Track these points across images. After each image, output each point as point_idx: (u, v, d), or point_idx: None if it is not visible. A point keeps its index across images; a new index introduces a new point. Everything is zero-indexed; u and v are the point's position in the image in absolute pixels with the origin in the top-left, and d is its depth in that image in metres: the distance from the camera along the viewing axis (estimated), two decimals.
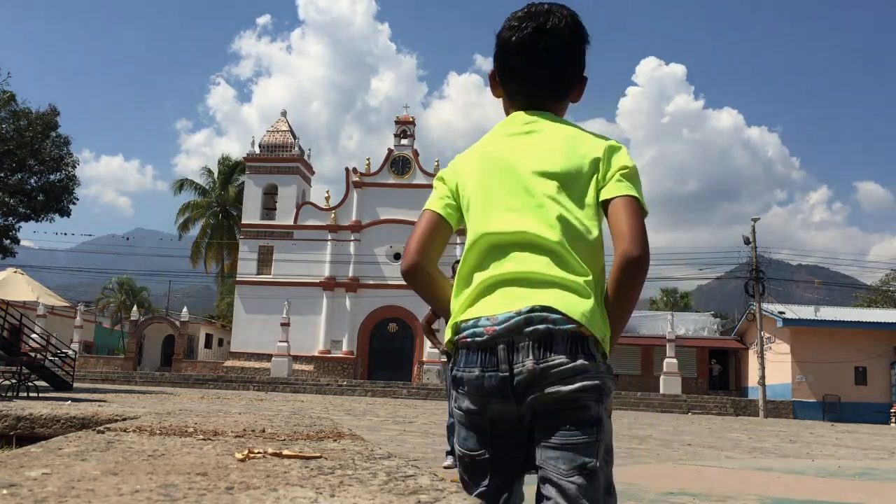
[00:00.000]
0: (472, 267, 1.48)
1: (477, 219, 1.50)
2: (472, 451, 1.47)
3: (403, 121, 39.42)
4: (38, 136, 22.29)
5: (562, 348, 1.36)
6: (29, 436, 3.37)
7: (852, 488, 6.33)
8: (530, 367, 1.36)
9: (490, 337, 1.39)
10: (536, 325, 1.36)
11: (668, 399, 30.13)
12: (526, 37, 1.54)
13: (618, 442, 10.82)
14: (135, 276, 60.83)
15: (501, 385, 1.38)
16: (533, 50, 1.54)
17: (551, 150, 1.50)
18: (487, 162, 1.54)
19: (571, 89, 1.61)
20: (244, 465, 1.39)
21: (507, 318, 1.38)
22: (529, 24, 1.55)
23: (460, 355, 1.45)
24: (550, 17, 1.55)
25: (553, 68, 1.56)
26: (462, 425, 1.49)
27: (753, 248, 31.56)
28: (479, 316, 1.41)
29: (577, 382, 1.36)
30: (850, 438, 15.43)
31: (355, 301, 37.04)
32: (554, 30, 1.54)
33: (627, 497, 4.90)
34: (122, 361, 37.65)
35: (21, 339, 21.84)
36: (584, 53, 1.59)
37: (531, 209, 1.45)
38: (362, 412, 16.28)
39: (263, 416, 3.15)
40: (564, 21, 1.55)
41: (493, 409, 1.42)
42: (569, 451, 1.36)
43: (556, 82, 1.58)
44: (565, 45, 1.55)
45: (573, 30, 1.55)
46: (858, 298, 51.79)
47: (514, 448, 1.45)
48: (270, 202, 39.14)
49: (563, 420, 1.37)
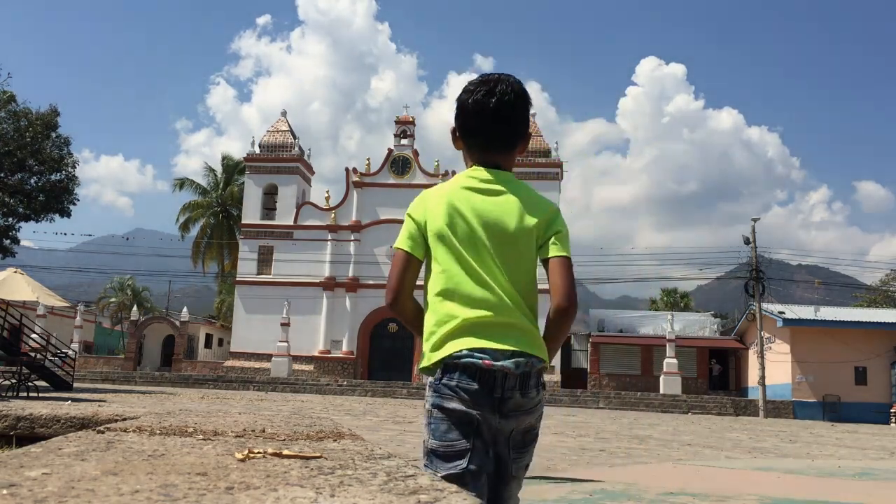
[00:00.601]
0: (446, 293, 1.83)
1: (445, 257, 1.85)
2: (453, 441, 1.79)
3: (403, 121, 39.40)
4: (39, 136, 22.26)
5: (534, 383, 1.81)
6: (29, 436, 3.37)
7: (852, 488, 6.33)
8: (518, 398, 1.79)
9: (489, 369, 1.76)
10: (523, 365, 1.78)
11: (668, 399, 30.14)
12: (480, 100, 1.89)
13: (618, 442, 10.81)
14: (135, 276, 60.81)
15: (492, 403, 1.78)
16: (485, 111, 1.89)
17: (506, 213, 1.84)
18: (454, 214, 1.86)
19: (518, 144, 1.95)
20: (244, 465, 1.39)
21: (505, 356, 1.77)
22: (483, 89, 1.90)
23: (453, 371, 1.80)
24: (500, 84, 1.90)
25: (502, 126, 1.90)
26: (442, 421, 1.81)
27: (753, 248, 31.56)
28: (474, 348, 1.78)
29: (537, 413, 1.86)
30: (849, 438, 15.43)
31: (355, 301, 37.05)
32: (503, 94, 1.88)
33: (627, 497, 4.90)
34: (122, 361, 37.65)
35: (21, 339, 21.85)
36: (529, 114, 1.96)
37: (493, 262, 1.81)
38: (362, 412, 16.28)
39: (263, 416, 3.15)
40: (511, 88, 1.90)
41: (485, 416, 1.79)
42: (525, 460, 1.89)
43: (505, 138, 1.92)
44: (512, 108, 1.89)
45: (519, 95, 1.90)
46: (858, 298, 51.79)
47: (487, 446, 1.81)
48: (270, 202, 39.14)
49: (525, 439, 1.87)
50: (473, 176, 1.90)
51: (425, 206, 1.90)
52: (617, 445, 10.07)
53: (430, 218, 1.88)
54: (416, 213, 1.92)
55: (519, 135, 1.94)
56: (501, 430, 1.81)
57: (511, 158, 1.95)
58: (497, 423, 1.79)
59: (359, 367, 36.47)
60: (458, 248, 1.83)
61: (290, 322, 34.82)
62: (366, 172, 38.62)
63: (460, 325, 1.80)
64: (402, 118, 39.50)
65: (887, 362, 30.35)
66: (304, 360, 36.11)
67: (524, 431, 1.85)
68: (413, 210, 1.93)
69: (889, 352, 30.33)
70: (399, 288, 1.89)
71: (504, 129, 1.90)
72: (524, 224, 1.83)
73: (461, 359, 1.78)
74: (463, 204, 1.85)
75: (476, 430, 1.78)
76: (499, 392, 1.76)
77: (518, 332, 1.79)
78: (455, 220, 1.84)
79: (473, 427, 1.78)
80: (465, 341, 1.79)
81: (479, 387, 1.77)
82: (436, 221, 1.86)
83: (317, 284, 37.20)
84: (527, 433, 1.86)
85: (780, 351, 31.36)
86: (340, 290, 37.43)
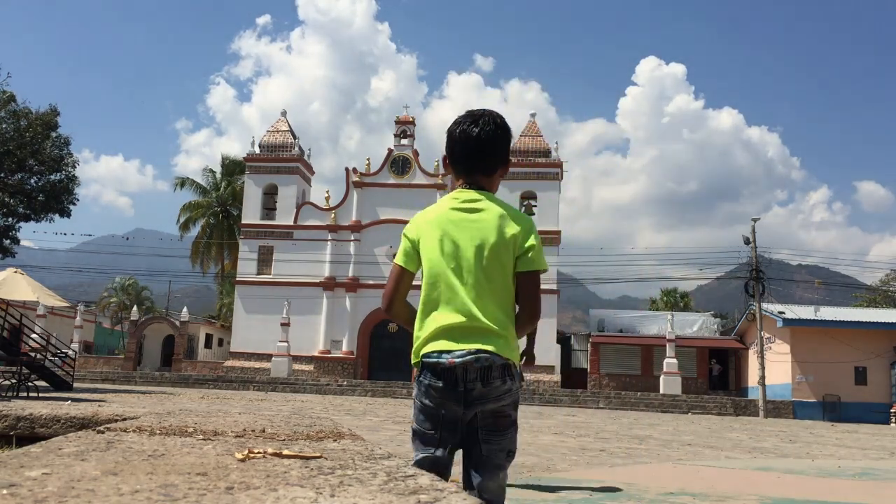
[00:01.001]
0: (432, 301, 2.15)
1: (432, 270, 2.15)
2: (426, 430, 2.14)
3: (403, 121, 39.38)
4: (38, 136, 22.24)
5: (498, 375, 2.06)
6: (29, 436, 3.37)
7: (852, 488, 6.33)
8: (480, 388, 2.05)
9: (451, 367, 2.06)
10: (483, 360, 2.05)
11: (668, 399, 30.13)
12: (465, 131, 2.22)
13: (618, 442, 10.81)
14: (135, 276, 60.80)
15: (457, 396, 2.07)
16: (469, 141, 2.21)
17: (486, 229, 2.13)
18: (441, 233, 2.16)
19: (498, 168, 2.25)
20: (244, 465, 1.39)
21: (463, 354, 2.05)
22: (468, 121, 2.23)
23: (427, 371, 2.12)
24: (483, 117, 2.23)
25: (483, 154, 2.21)
26: (420, 412, 2.15)
27: (753, 248, 31.56)
28: (441, 350, 2.08)
29: (506, 400, 2.10)
30: (850, 438, 15.43)
31: (355, 301, 37.04)
32: (485, 126, 2.20)
33: (627, 497, 4.90)
34: (122, 361, 37.63)
35: (21, 339, 21.84)
36: (509, 144, 2.27)
37: (472, 274, 2.09)
38: (362, 412, 16.28)
39: (263, 416, 3.15)
40: (493, 121, 2.22)
41: (448, 408, 2.09)
42: (501, 443, 2.11)
43: (486, 164, 2.22)
44: (493, 138, 2.20)
45: (500, 127, 2.22)
46: (858, 298, 51.77)
47: (454, 432, 2.12)
48: (270, 202, 39.12)
49: (497, 423, 2.11)
50: (457, 197, 2.21)
51: (417, 227, 2.23)
52: (617, 445, 10.07)
53: (421, 237, 2.20)
54: (411, 233, 2.24)
55: (499, 162, 2.24)
56: (468, 418, 2.09)
57: (493, 181, 2.26)
58: (462, 414, 2.08)
59: (359, 367, 36.46)
60: (443, 263, 2.14)
61: (290, 322, 34.81)
62: (366, 172, 38.60)
63: (436, 330, 2.11)
64: (402, 118, 39.47)
65: (887, 362, 30.35)
66: (304, 360, 36.11)
67: (494, 414, 2.09)
68: (408, 231, 2.25)
69: (889, 352, 30.33)
70: (393, 296, 2.24)
71: (485, 156, 2.21)
72: (501, 239, 2.11)
73: (430, 359, 2.10)
74: (449, 224, 2.16)
75: (441, 422, 2.10)
76: (461, 386, 2.05)
77: (483, 334, 2.06)
78: (442, 238, 2.15)
79: (439, 420, 2.10)
80: (437, 344, 2.10)
81: (443, 384, 2.07)
82: (426, 240, 2.18)
83: (317, 284, 37.20)
84: (498, 417, 2.09)
85: (780, 351, 31.36)
86: (340, 290, 37.42)
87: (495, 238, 2.10)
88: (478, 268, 2.09)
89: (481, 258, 2.10)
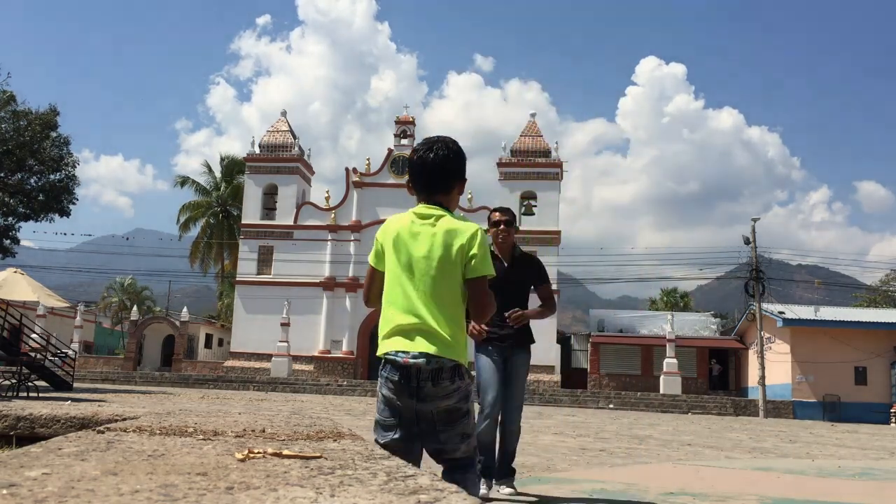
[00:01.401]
0: (390, 303, 2.46)
1: (391, 276, 2.47)
2: (385, 418, 2.46)
3: (403, 121, 39.37)
4: (38, 136, 22.22)
5: (447, 376, 2.34)
6: (29, 436, 3.38)
7: (852, 488, 6.33)
8: (430, 388, 2.34)
9: (406, 365, 2.35)
10: (434, 363, 2.32)
11: (668, 399, 30.13)
12: (421, 156, 2.53)
13: (618, 442, 10.81)
14: (135, 276, 60.80)
15: (410, 391, 2.36)
16: (425, 164, 2.51)
17: (436, 243, 2.40)
18: (399, 242, 2.47)
19: (454, 187, 2.54)
20: (244, 465, 1.39)
21: (417, 356, 2.33)
22: (424, 148, 2.55)
23: (388, 365, 2.41)
24: (436, 144, 2.54)
25: (439, 175, 2.50)
26: (381, 402, 2.47)
27: (753, 248, 31.55)
28: (398, 349, 2.38)
29: (455, 397, 2.37)
30: (850, 438, 15.43)
31: (355, 301, 37.02)
32: (439, 151, 2.50)
33: (627, 497, 4.90)
34: (122, 361, 37.63)
35: (21, 339, 21.83)
36: (462, 164, 2.55)
37: (423, 281, 2.38)
38: (362, 412, 16.27)
39: (263, 416, 3.15)
40: (446, 146, 2.52)
41: (402, 401, 2.38)
42: (456, 430, 2.40)
43: (443, 183, 2.51)
44: (446, 161, 2.50)
45: (452, 150, 2.51)
46: (858, 298, 51.76)
47: (410, 421, 2.40)
48: (270, 202, 39.11)
49: (450, 416, 2.39)
50: (416, 212, 2.51)
51: (385, 233, 2.53)
52: (617, 445, 10.07)
53: (385, 243, 2.51)
54: (380, 237, 2.55)
55: (454, 180, 2.54)
56: (422, 411, 2.38)
57: (451, 197, 2.55)
58: (416, 406, 2.37)
59: (359, 367, 36.46)
60: (399, 269, 2.43)
61: (290, 322, 34.80)
62: (366, 172, 38.60)
63: (393, 329, 2.41)
64: (402, 118, 39.47)
65: (887, 362, 30.34)
66: (304, 360, 36.11)
67: (447, 410, 2.38)
68: (379, 234, 2.56)
69: (889, 352, 30.32)
70: (367, 293, 2.63)
71: (440, 177, 2.51)
72: (448, 252, 2.38)
73: (389, 355, 2.40)
74: (408, 235, 2.45)
75: (398, 411, 2.41)
76: (414, 382, 2.34)
77: (433, 337, 2.33)
78: (399, 246, 2.45)
79: (397, 409, 2.41)
80: (394, 341, 2.39)
81: (399, 378, 2.36)
82: (388, 248, 2.49)
83: (317, 284, 37.19)
84: (451, 412, 2.39)
85: (780, 351, 31.35)
86: (340, 290, 37.42)
87: (442, 251, 2.38)
88: (428, 276, 2.38)
89: (430, 268, 2.38)
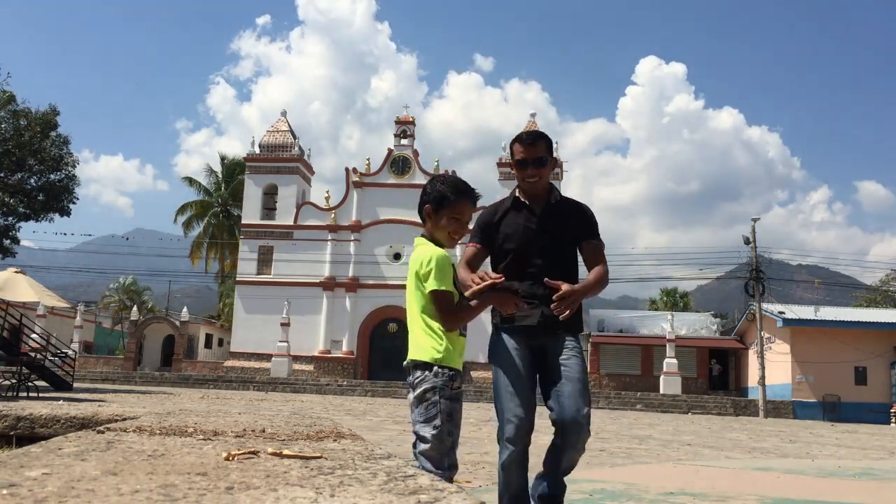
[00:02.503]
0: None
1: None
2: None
3: (403, 121, 39.38)
4: (38, 135, 22.21)
5: (419, 373, 2.85)
6: (29, 436, 3.38)
7: (852, 488, 6.33)
8: (412, 380, 2.88)
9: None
10: (409, 363, 2.89)
11: (668, 399, 30.13)
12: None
13: (618, 442, 10.81)
14: (135, 276, 60.80)
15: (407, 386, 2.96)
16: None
17: (411, 266, 2.94)
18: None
19: (426, 215, 3.02)
20: (244, 465, 1.39)
21: (406, 360, 2.91)
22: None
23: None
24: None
25: (420, 210, 3.05)
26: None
27: (753, 248, 31.55)
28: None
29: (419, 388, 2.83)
30: (850, 438, 15.43)
31: (355, 301, 37.05)
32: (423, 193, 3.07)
33: (627, 497, 4.90)
34: (122, 361, 37.63)
35: (21, 339, 21.84)
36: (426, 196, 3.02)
37: (410, 296, 2.94)
38: (362, 412, 16.28)
39: (263, 416, 3.15)
40: (423, 189, 3.07)
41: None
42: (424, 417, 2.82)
43: (421, 216, 3.05)
44: (420, 198, 3.05)
45: (424, 192, 3.05)
46: (858, 298, 51.76)
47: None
48: (270, 202, 39.12)
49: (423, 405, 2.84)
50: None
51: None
52: (617, 445, 10.07)
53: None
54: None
55: (423, 211, 3.04)
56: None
57: (426, 224, 3.04)
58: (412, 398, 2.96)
59: (359, 367, 36.46)
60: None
61: (290, 322, 34.81)
62: (366, 172, 38.60)
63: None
64: (402, 118, 39.47)
65: (887, 362, 30.34)
66: (304, 360, 36.11)
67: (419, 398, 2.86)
68: None
69: (889, 352, 30.32)
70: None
71: (420, 211, 3.07)
72: (415, 274, 2.91)
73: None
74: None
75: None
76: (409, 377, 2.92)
77: (411, 344, 2.92)
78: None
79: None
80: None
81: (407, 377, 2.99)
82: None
83: (317, 284, 37.20)
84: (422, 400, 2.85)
85: (780, 351, 31.35)
86: (340, 290, 37.43)
87: (413, 273, 2.93)
88: (410, 293, 2.94)
89: (411, 285, 2.94)
